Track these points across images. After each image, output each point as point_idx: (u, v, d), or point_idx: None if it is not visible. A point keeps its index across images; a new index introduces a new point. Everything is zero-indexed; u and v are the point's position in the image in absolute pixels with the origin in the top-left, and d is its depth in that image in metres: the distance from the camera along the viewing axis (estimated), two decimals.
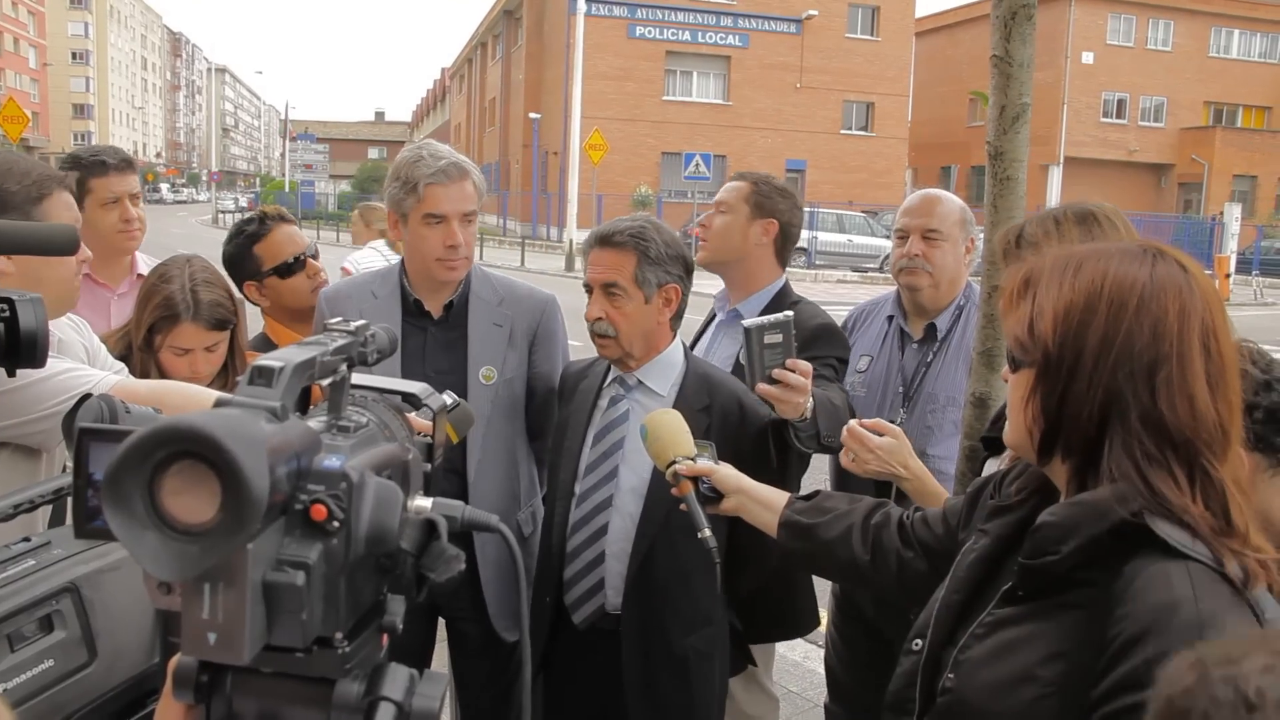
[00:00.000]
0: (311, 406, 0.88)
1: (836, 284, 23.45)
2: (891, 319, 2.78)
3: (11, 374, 1.35)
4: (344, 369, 0.84)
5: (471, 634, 2.49)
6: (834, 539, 1.66)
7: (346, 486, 0.68)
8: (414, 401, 0.99)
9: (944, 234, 2.64)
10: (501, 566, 2.43)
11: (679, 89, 35.60)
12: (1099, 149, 39.53)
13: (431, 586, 0.77)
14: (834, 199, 32.17)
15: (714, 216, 2.72)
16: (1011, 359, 1.23)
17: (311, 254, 2.85)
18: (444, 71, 74.52)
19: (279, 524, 0.67)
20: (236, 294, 2.45)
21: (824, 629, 2.92)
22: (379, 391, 0.93)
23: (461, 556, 0.77)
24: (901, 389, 2.66)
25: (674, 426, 1.85)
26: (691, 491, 1.76)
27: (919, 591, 1.43)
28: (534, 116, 37.22)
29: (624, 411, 2.25)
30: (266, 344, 2.76)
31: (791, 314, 2.10)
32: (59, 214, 1.81)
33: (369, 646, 0.75)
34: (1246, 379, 1.30)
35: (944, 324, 2.67)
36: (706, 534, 1.71)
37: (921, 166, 41.92)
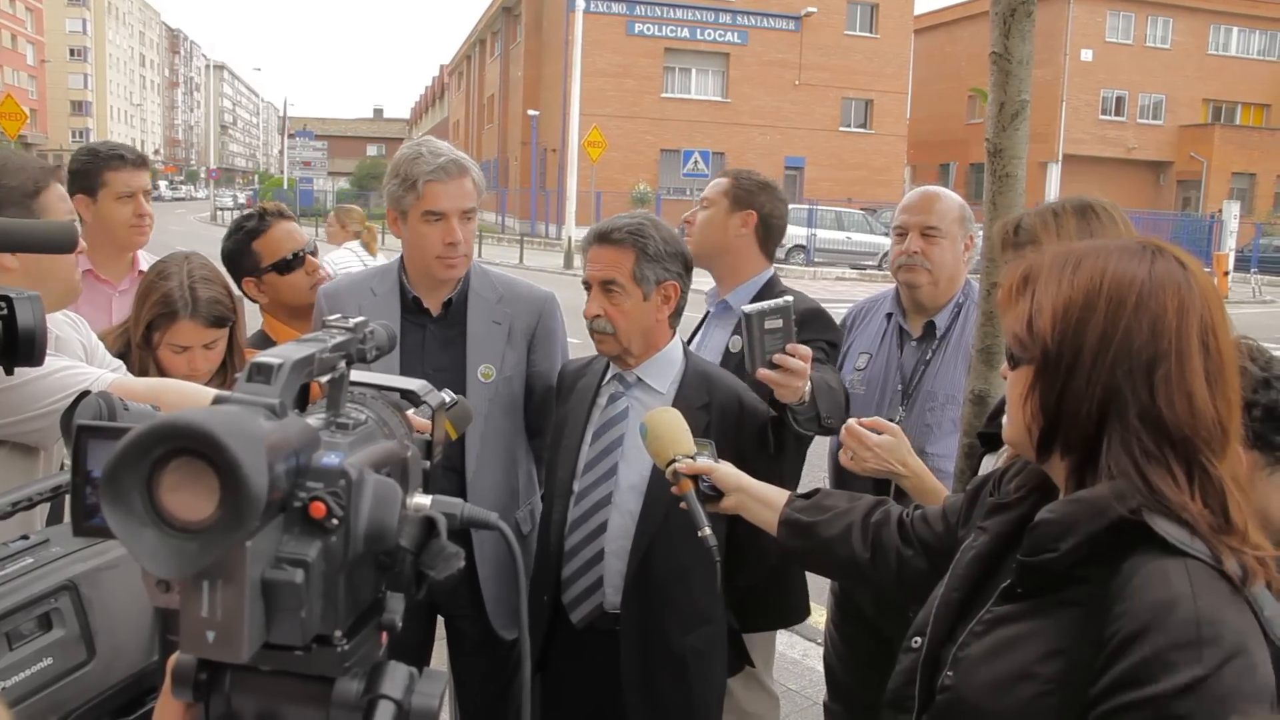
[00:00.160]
0: (310, 404, 0.88)
1: (835, 281, 23.46)
2: (890, 316, 2.78)
3: (10, 372, 1.34)
4: (343, 366, 0.84)
5: (470, 632, 2.48)
6: (834, 537, 1.66)
7: (345, 484, 0.68)
8: (413, 399, 0.99)
9: (943, 231, 2.64)
10: (500, 564, 2.42)
11: (678, 86, 35.58)
12: (1098, 146, 39.53)
13: (430, 584, 0.77)
14: (832, 196, 32.18)
15: (698, 212, 2.81)
16: (1010, 356, 1.23)
17: (310, 251, 2.85)
18: (442, 68, 74.43)
19: (278, 521, 0.67)
20: (235, 291, 2.44)
21: (823, 627, 2.92)
22: (378, 388, 0.93)
23: (461, 554, 0.77)
24: (900, 387, 2.66)
25: (673, 425, 1.84)
26: (691, 490, 1.76)
27: (919, 590, 1.43)
28: (533, 113, 37.21)
29: (623, 409, 2.25)
30: (265, 341, 2.76)
31: (791, 299, 2.11)
32: (55, 206, 1.81)
33: (368, 644, 0.75)
34: (1245, 376, 1.30)
35: (943, 321, 2.67)
36: (706, 532, 1.71)
37: (920, 164, 41.89)
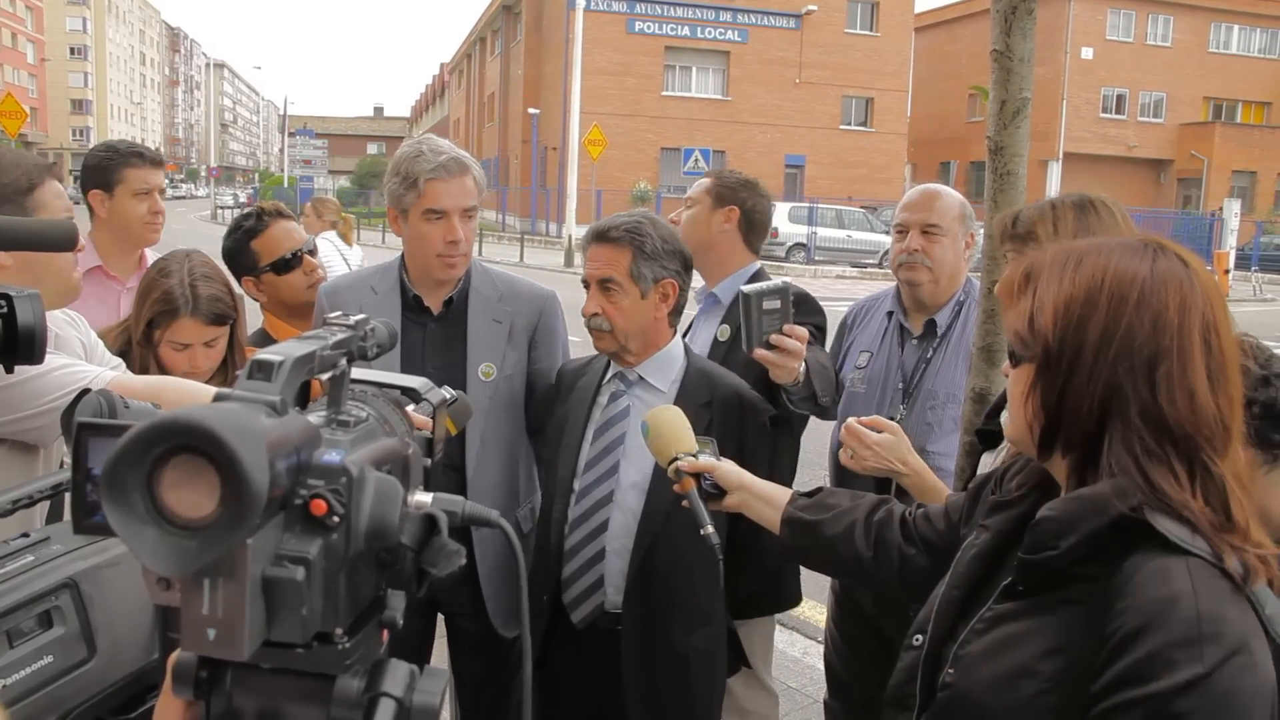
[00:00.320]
0: (311, 401, 0.88)
1: (835, 279, 23.45)
2: (891, 315, 2.78)
3: (10, 370, 1.34)
4: (344, 363, 0.84)
5: (470, 630, 2.48)
6: (837, 536, 1.66)
7: (346, 481, 0.68)
8: (414, 396, 0.99)
9: (943, 229, 2.64)
10: (500, 562, 2.42)
11: (678, 84, 35.55)
12: (1098, 144, 39.49)
13: (431, 582, 0.77)
14: (833, 194, 32.17)
15: (683, 211, 2.90)
16: (1012, 354, 1.23)
17: (309, 250, 2.84)
18: (443, 67, 74.37)
19: (278, 519, 0.66)
20: (236, 289, 2.44)
21: (823, 625, 2.92)
22: (379, 386, 0.93)
23: (462, 551, 0.77)
24: (901, 385, 2.66)
25: (675, 423, 1.84)
26: (693, 488, 1.76)
27: (921, 588, 1.43)
28: (533, 112, 37.19)
29: (625, 407, 2.25)
30: (265, 339, 2.76)
31: (788, 280, 2.14)
32: (50, 203, 1.81)
33: (369, 642, 0.75)
34: (1245, 374, 1.30)
35: (944, 319, 2.67)
36: (709, 530, 1.71)
37: (920, 162, 41.88)
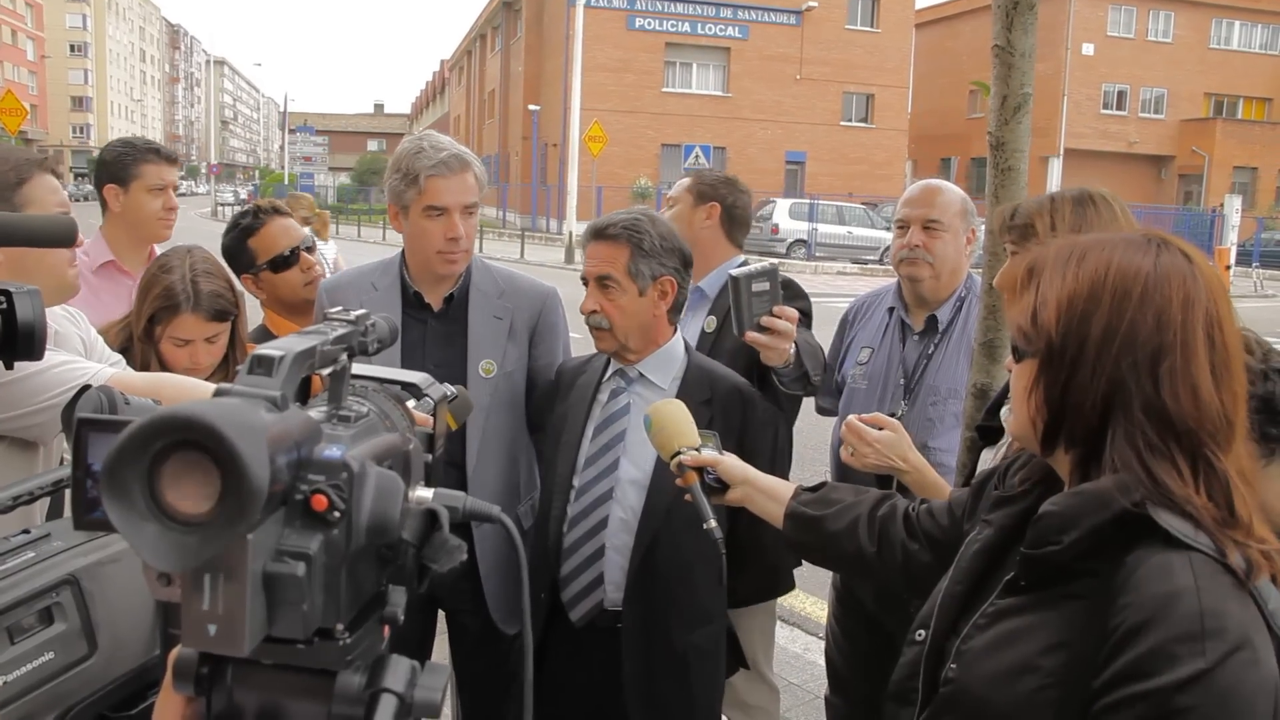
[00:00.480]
0: (312, 396, 0.88)
1: (836, 276, 23.44)
2: (892, 311, 2.78)
3: (10, 367, 1.34)
4: (344, 358, 0.83)
5: (471, 626, 2.48)
6: (840, 531, 1.65)
7: (347, 476, 0.67)
8: (415, 391, 0.98)
9: (944, 224, 2.64)
10: (501, 558, 2.42)
11: (678, 80, 35.53)
12: (1099, 140, 39.47)
13: (432, 577, 0.76)
14: (834, 191, 32.16)
15: (665, 211, 2.94)
16: (1015, 349, 1.22)
17: (307, 246, 2.84)
18: (443, 63, 74.33)
19: (279, 514, 0.66)
20: (238, 285, 2.44)
21: (824, 621, 2.92)
22: (379, 381, 0.93)
23: (463, 547, 0.77)
24: (903, 381, 2.65)
25: (678, 417, 1.83)
26: (696, 482, 1.75)
27: (924, 583, 1.43)
28: (533, 108, 37.16)
29: (625, 404, 2.24)
30: (266, 336, 2.75)
31: (777, 262, 2.14)
32: (41, 197, 1.80)
33: (370, 638, 0.75)
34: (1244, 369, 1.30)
35: (945, 315, 2.67)
36: (712, 525, 1.71)
37: (921, 158, 41.85)
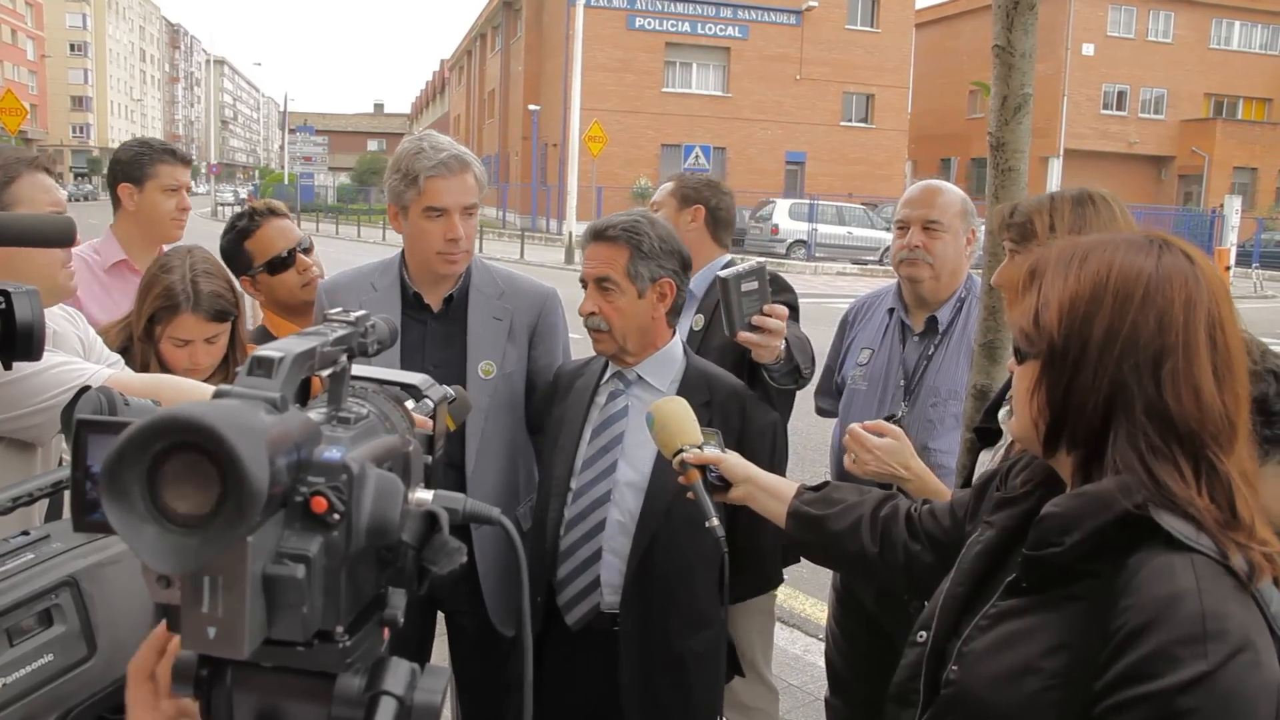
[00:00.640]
0: (311, 398, 0.87)
1: (836, 276, 23.45)
2: (892, 312, 2.77)
3: (8, 367, 1.34)
4: (344, 360, 0.83)
5: (470, 628, 2.48)
6: (843, 531, 1.65)
7: (347, 478, 0.67)
8: (414, 393, 0.98)
9: (944, 225, 2.64)
10: (500, 560, 2.42)
11: (678, 81, 35.53)
12: (1099, 141, 39.47)
13: (431, 579, 0.76)
14: (833, 191, 32.17)
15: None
16: (1017, 350, 1.22)
17: (305, 247, 2.83)
18: (443, 63, 74.33)
19: (279, 516, 0.66)
20: (238, 286, 2.44)
21: (823, 622, 2.91)
22: (379, 383, 0.93)
23: (463, 549, 0.76)
24: (903, 382, 2.65)
25: (681, 414, 1.83)
26: (699, 480, 1.75)
27: (926, 584, 1.42)
28: (533, 108, 37.16)
29: (623, 407, 2.24)
30: (265, 336, 2.75)
31: (765, 261, 2.15)
32: (31, 196, 1.80)
33: (370, 640, 0.75)
34: None
35: (945, 316, 2.67)
36: (714, 523, 1.71)
37: (921, 158, 41.85)
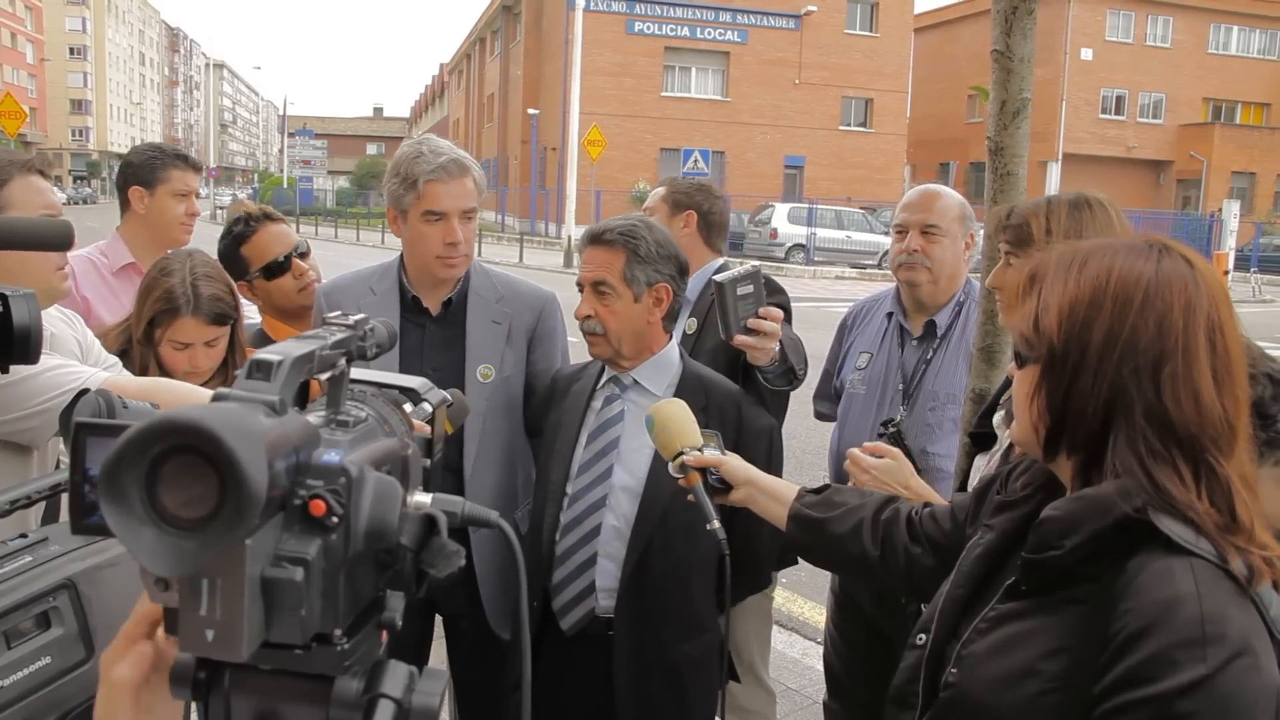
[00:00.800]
0: (310, 401, 0.87)
1: (835, 280, 23.46)
2: (891, 316, 2.78)
3: (5, 370, 1.34)
4: (343, 363, 0.83)
5: (468, 631, 2.48)
6: (844, 534, 1.65)
7: (346, 481, 0.67)
8: (413, 396, 0.98)
9: (943, 229, 2.64)
10: (498, 563, 2.42)
11: (678, 85, 35.58)
12: (1097, 145, 39.53)
13: (430, 582, 0.76)
14: (832, 195, 32.21)
15: None
16: (1017, 355, 1.23)
17: (301, 252, 2.83)
18: (442, 67, 74.41)
19: (277, 519, 0.66)
20: (237, 290, 2.44)
21: (822, 625, 2.91)
22: (378, 386, 0.92)
23: (461, 552, 0.76)
24: (901, 386, 2.65)
25: (681, 416, 1.83)
26: (699, 483, 1.75)
27: (927, 587, 1.42)
28: (532, 112, 37.21)
29: (619, 411, 2.23)
30: (263, 340, 2.75)
31: (759, 264, 2.15)
32: (24, 199, 1.80)
33: (368, 643, 0.74)
34: None
35: (944, 320, 2.67)
36: (716, 525, 1.70)
37: (920, 163, 41.90)
